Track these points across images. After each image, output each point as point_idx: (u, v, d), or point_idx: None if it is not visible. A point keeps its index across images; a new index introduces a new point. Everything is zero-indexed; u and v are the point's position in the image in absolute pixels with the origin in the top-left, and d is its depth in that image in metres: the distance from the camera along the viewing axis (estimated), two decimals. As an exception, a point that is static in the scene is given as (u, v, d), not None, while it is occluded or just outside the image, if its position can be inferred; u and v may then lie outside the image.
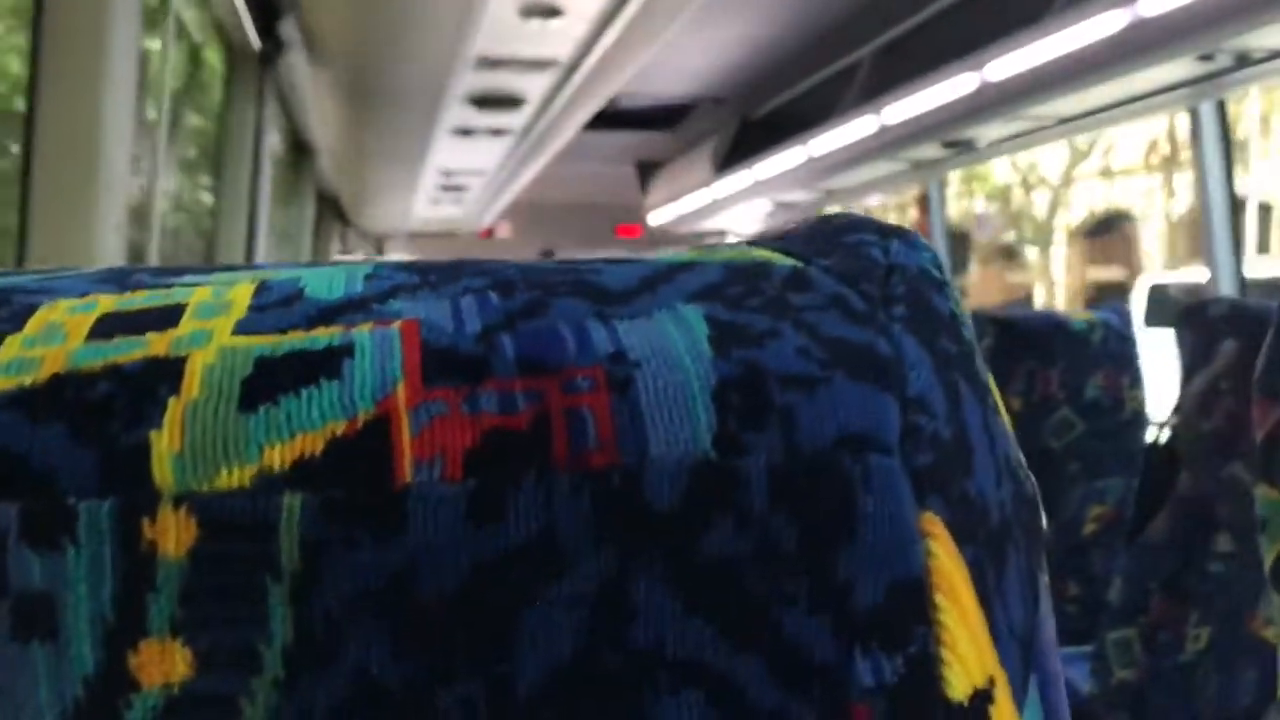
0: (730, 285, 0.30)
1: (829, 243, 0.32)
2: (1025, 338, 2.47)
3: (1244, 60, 2.56)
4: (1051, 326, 2.53)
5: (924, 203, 4.46)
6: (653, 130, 5.15)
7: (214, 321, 0.27)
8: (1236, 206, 3.16)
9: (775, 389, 0.27)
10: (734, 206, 5.35)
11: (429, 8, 2.30)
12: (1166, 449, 2.23)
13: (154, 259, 1.64)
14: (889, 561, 0.26)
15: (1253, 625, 1.76)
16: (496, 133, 3.50)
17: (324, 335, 0.27)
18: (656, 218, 6.22)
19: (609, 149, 5.48)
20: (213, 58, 2.78)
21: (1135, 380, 2.62)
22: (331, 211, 5.67)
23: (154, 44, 1.58)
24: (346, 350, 0.27)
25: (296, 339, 0.27)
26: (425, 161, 4.06)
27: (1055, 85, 2.84)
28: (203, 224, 2.79)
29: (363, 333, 0.27)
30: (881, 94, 3.47)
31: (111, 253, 1.38)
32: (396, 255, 6.86)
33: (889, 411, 0.27)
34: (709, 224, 6.15)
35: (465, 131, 3.47)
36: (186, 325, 0.27)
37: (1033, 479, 0.31)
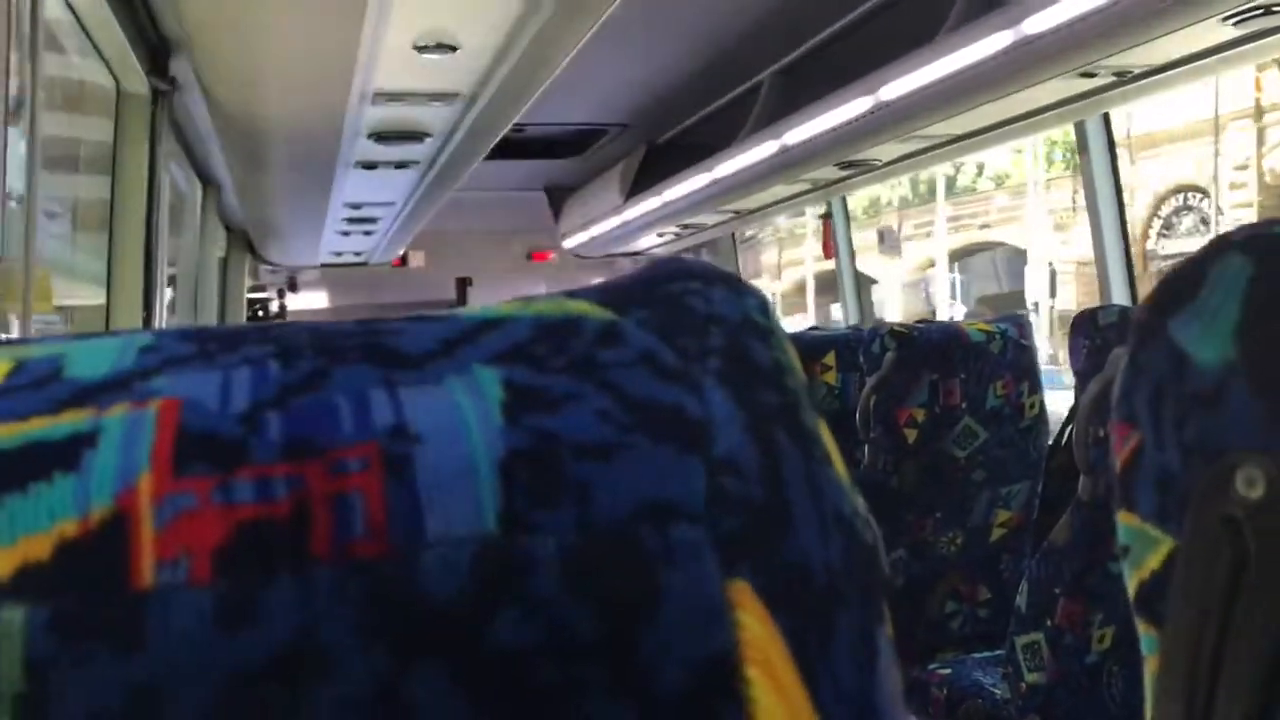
0: (536, 343, 0.28)
1: (651, 293, 0.30)
2: (925, 349, 2.53)
3: (1124, 76, 2.66)
4: (950, 337, 2.58)
5: (828, 220, 4.54)
6: (561, 157, 5.16)
7: None
8: (1123, 209, 3.27)
9: (569, 459, 0.25)
10: (645, 229, 5.39)
11: (321, 45, 2.29)
12: (1065, 454, 2.29)
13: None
14: (694, 637, 0.24)
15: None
16: (401, 165, 3.48)
17: (69, 421, 0.24)
18: (570, 242, 6.23)
19: (519, 176, 5.48)
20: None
21: (1034, 387, 2.69)
22: (240, 246, 5.57)
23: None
24: (91, 438, 0.24)
25: (37, 427, 0.24)
26: (330, 195, 4.03)
27: (947, 104, 2.92)
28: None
29: (113, 417, 0.25)
30: (781, 117, 3.53)
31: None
32: (308, 289, 6.77)
33: (693, 476, 0.25)
34: (622, 247, 6.18)
35: (369, 165, 3.45)
36: None
37: (874, 527, 0.29)
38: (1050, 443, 2.48)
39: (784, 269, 21.71)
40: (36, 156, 1.50)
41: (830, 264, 4.67)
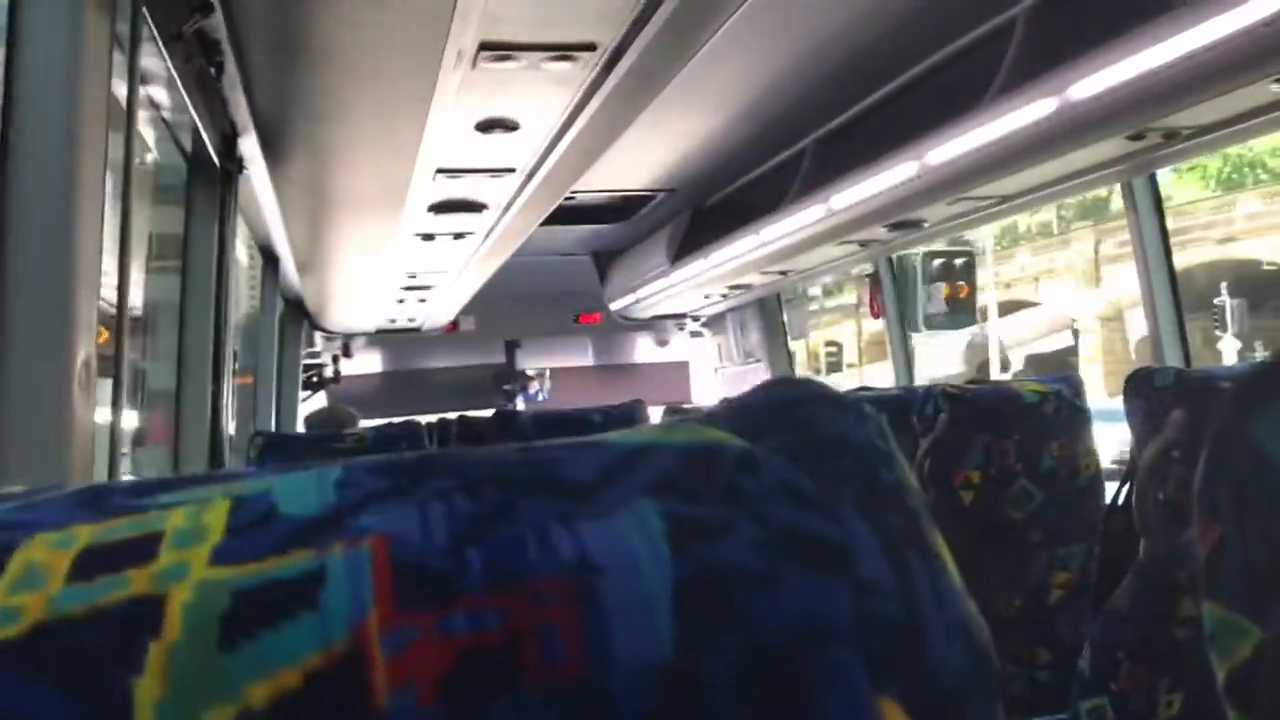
0: (684, 473, 0.30)
1: (779, 418, 0.32)
2: (979, 411, 2.53)
3: (1172, 138, 2.68)
4: (1003, 399, 2.59)
5: (876, 279, 4.55)
6: (608, 223, 5.23)
7: (191, 551, 0.27)
8: (1173, 269, 3.27)
9: (732, 588, 0.27)
10: (691, 291, 5.43)
11: (387, 126, 2.36)
12: (1123, 515, 2.28)
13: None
14: None
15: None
16: (458, 236, 3.55)
17: (298, 560, 0.27)
18: (617, 305, 6.29)
19: (567, 241, 5.55)
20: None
21: (1089, 448, 2.68)
22: (297, 314, 5.68)
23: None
24: (320, 576, 0.27)
25: (272, 567, 0.27)
26: (388, 265, 4.10)
27: (993, 168, 2.94)
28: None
29: (335, 556, 0.27)
30: (826, 181, 3.57)
31: (80, 390, 1.39)
32: (361, 353, 6.86)
33: (842, 601, 0.28)
34: (667, 309, 6.23)
35: (427, 236, 3.52)
36: (165, 557, 0.27)
37: (984, 627, 0.31)
38: (1108, 504, 2.47)
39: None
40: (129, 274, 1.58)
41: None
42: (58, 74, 1.36)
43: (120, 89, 1.68)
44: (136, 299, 2.90)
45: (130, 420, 3.09)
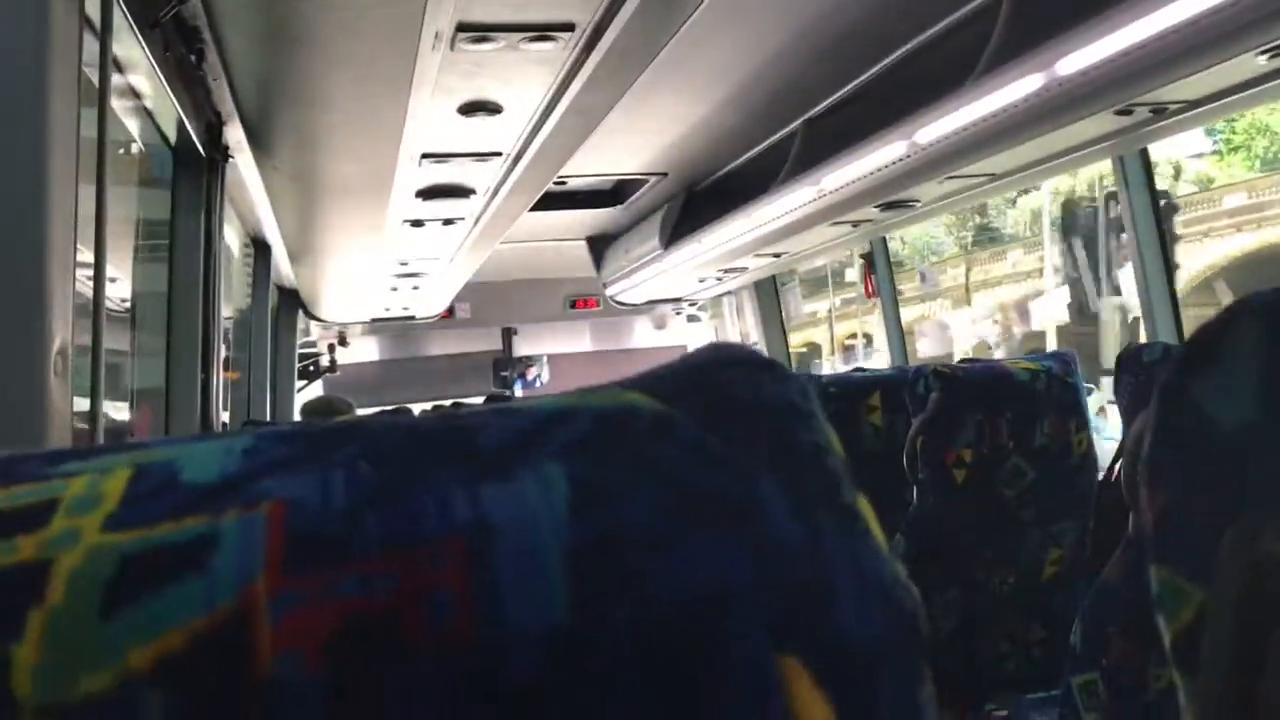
0: (596, 436, 0.29)
1: (698, 381, 0.32)
2: (971, 389, 2.53)
3: (1160, 112, 2.67)
4: (995, 377, 2.58)
5: (869, 259, 4.55)
6: (601, 207, 5.23)
7: (85, 519, 0.27)
8: (1165, 246, 3.26)
9: (630, 551, 0.27)
10: (686, 275, 5.43)
11: (370, 111, 2.35)
12: (1114, 490, 2.28)
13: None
14: (753, 714, 0.26)
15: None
16: (447, 221, 3.54)
17: (192, 525, 0.27)
18: (612, 290, 6.28)
19: (560, 226, 5.55)
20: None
21: (1082, 424, 2.67)
22: (291, 304, 5.68)
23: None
24: (212, 540, 0.26)
25: (164, 531, 0.27)
26: (379, 253, 4.10)
27: (983, 146, 2.93)
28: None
29: (229, 520, 0.27)
30: (817, 162, 3.56)
31: (56, 378, 1.39)
32: (357, 342, 6.86)
33: (744, 560, 0.27)
34: (663, 293, 6.22)
35: (416, 222, 3.52)
36: (57, 524, 0.27)
37: (913, 592, 0.30)
38: (1100, 479, 2.46)
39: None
40: (105, 241, 1.57)
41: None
42: (25, 59, 1.35)
43: (94, 75, 1.67)
44: (124, 290, 2.90)
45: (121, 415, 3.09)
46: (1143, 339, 3.18)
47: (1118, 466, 2.37)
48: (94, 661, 0.24)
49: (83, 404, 1.58)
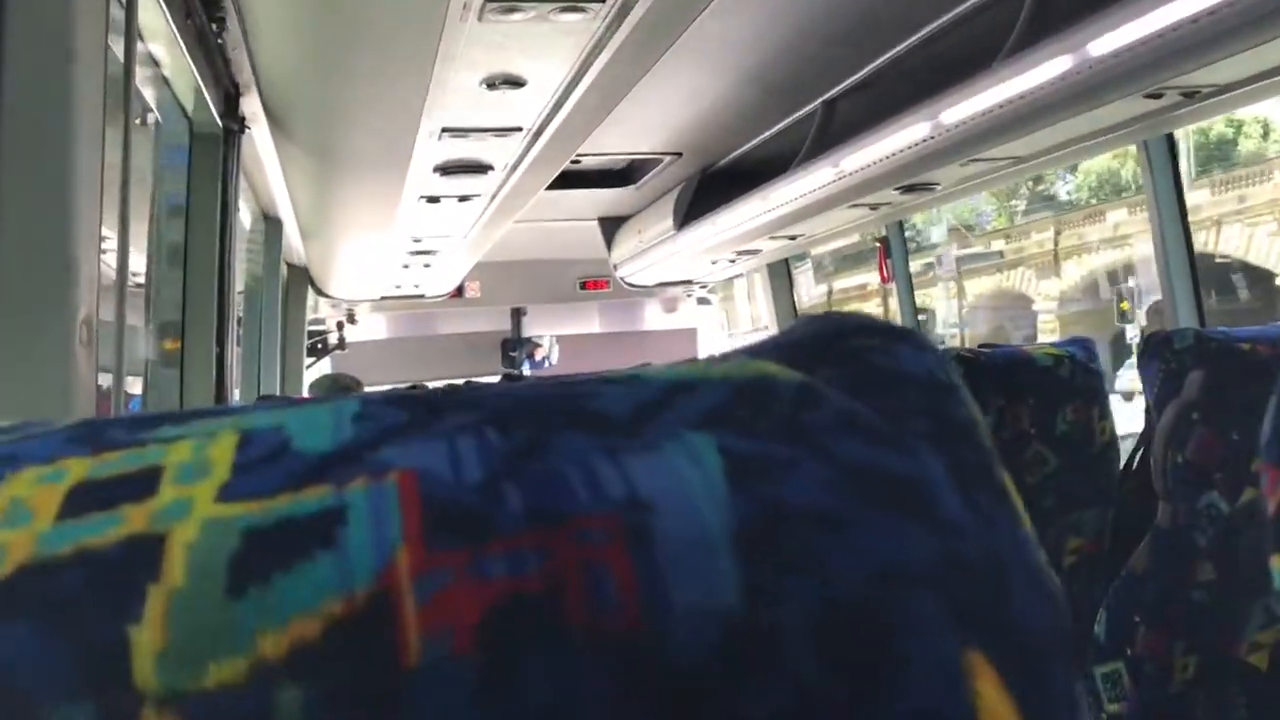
0: (737, 407, 0.28)
1: (830, 350, 0.30)
2: (992, 374, 2.50)
3: (1191, 96, 2.64)
4: (1018, 362, 2.56)
5: (885, 244, 4.52)
6: (614, 186, 5.21)
7: (195, 487, 0.25)
8: (1188, 231, 3.23)
9: (801, 529, 0.25)
10: (699, 256, 5.40)
11: (391, 84, 2.33)
12: (1137, 479, 2.26)
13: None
14: (935, 706, 0.24)
15: (1239, 652, 1.77)
16: (464, 198, 3.52)
17: (315, 496, 0.25)
18: (623, 271, 6.26)
19: (572, 206, 5.53)
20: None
21: (1104, 412, 2.65)
22: (301, 280, 5.67)
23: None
24: (341, 513, 0.24)
25: (285, 503, 0.25)
26: (393, 230, 4.08)
27: (1008, 128, 2.90)
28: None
29: (357, 491, 0.25)
30: (836, 143, 3.53)
31: (81, 348, 1.38)
32: (367, 321, 6.86)
33: (924, 542, 0.26)
34: (674, 275, 6.20)
35: (432, 199, 3.50)
36: (166, 493, 0.25)
37: (1054, 577, 0.29)
38: (1122, 467, 2.45)
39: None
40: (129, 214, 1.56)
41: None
42: (51, 28, 1.34)
43: (117, 45, 1.65)
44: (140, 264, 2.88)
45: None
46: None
47: (1139, 454, 2.35)
48: (223, 647, 0.22)
49: (105, 377, 1.57)
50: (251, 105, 2.72)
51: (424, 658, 0.22)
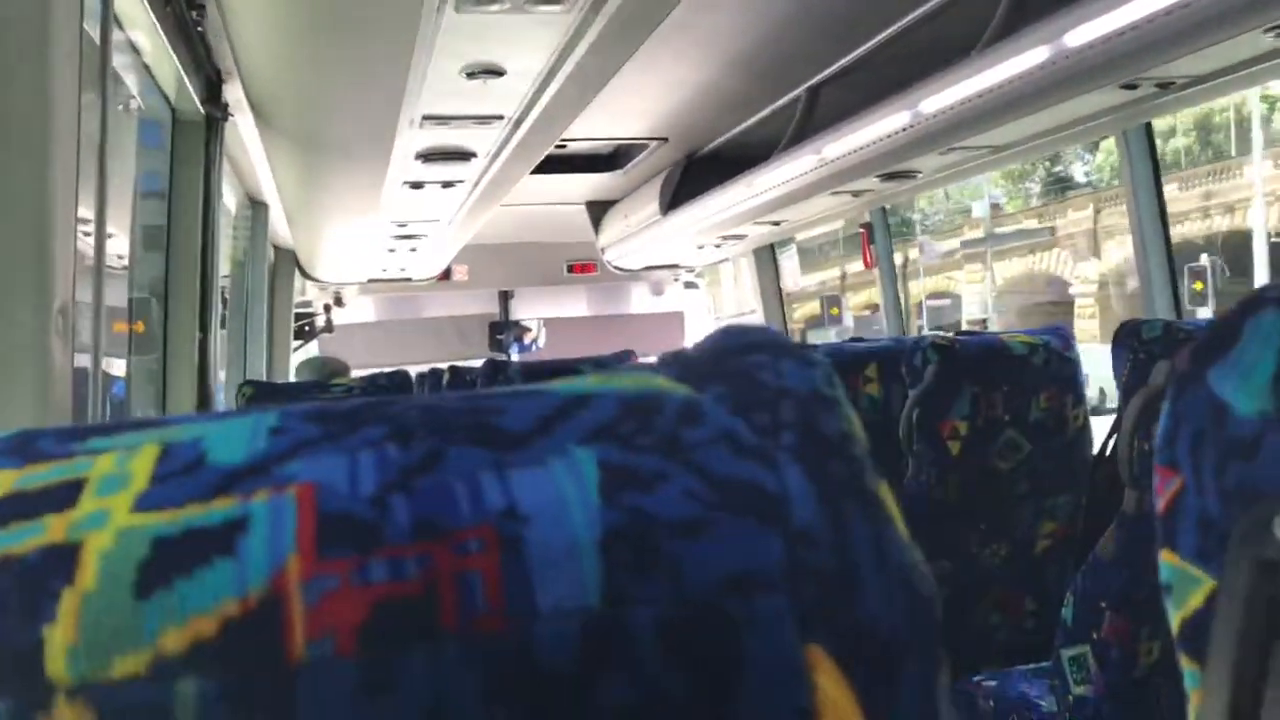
0: (624, 422, 0.29)
1: (724, 366, 0.32)
2: (968, 362, 2.53)
3: (1166, 87, 2.65)
4: (992, 350, 2.59)
5: (869, 230, 4.54)
6: (600, 171, 5.20)
7: (113, 499, 0.27)
8: (1166, 221, 3.25)
9: (662, 536, 0.27)
10: (685, 241, 5.41)
11: (371, 72, 2.34)
12: (1109, 465, 2.29)
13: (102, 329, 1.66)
14: (777, 698, 0.26)
15: (1198, 638, 1.80)
16: (447, 184, 3.52)
17: (221, 507, 0.27)
18: (610, 255, 6.27)
19: (559, 190, 5.52)
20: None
21: (1078, 399, 2.68)
22: (288, 263, 5.66)
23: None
24: (242, 523, 0.26)
25: (194, 513, 0.26)
26: (378, 214, 4.08)
27: (987, 117, 2.92)
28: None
29: (259, 502, 0.27)
30: (819, 130, 3.54)
31: (57, 336, 1.39)
32: (354, 304, 6.85)
33: (773, 549, 0.27)
34: (660, 259, 6.21)
35: (416, 184, 3.50)
36: (86, 504, 0.27)
37: (930, 579, 0.31)
38: (1094, 454, 2.48)
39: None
40: (106, 202, 1.56)
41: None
42: (27, 12, 1.34)
43: (94, 30, 1.65)
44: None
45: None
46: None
47: (1112, 442, 2.38)
48: (128, 644, 0.24)
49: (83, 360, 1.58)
50: (234, 92, 2.72)
51: (309, 655, 0.25)
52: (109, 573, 0.25)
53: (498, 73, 2.33)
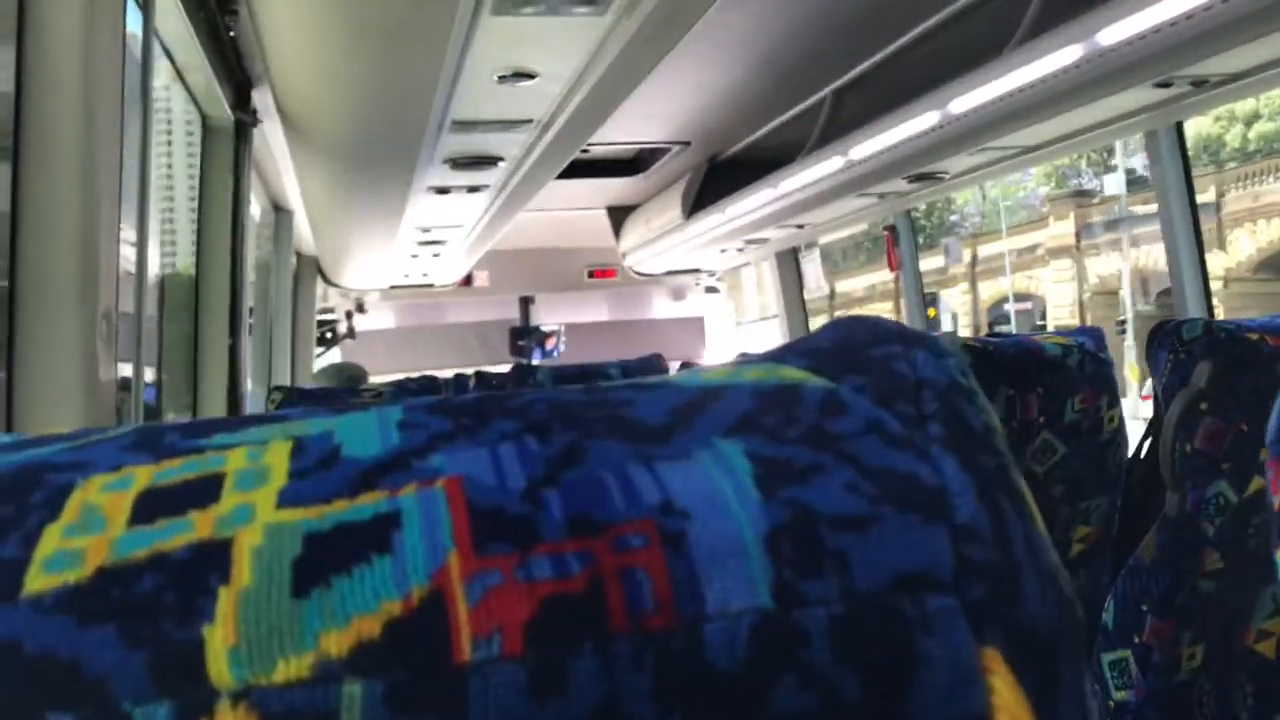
0: (765, 414, 0.29)
1: (856, 357, 0.31)
2: (1001, 364, 2.51)
3: (1200, 85, 2.63)
4: (1026, 351, 2.56)
5: (892, 232, 4.51)
6: (622, 175, 5.20)
7: (256, 493, 0.26)
8: (1197, 220, 3.23)
9: (827, 532, 0.26)
10: (707, 245, 5.41)
11: (402, 77, 2.34)
12: (1144, 467, 2.27)
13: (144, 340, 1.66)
14: (953, 704, 0.25)
15: (1246, 640, 1.78)
16: (473, 189, 3.52)
17: (370, 502, 0.26)
18: (631, 260, 6.26)
19: (581, 195, 5.53)
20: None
21: (1113, 400, 2.66)
22: (310, 269, 5.69)
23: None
24: (394, 519, 0.26)
25: (342, 508, 0.26)
26: (402, 220, 4.09)
27: (1018, 117, 2.90)
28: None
29: (408, 496, 0.26)
30: (845, 132, 3.53)
31: (101, 342, 1.39)
32: (375, 309, 6.87)
33: (941, 546, 0.27)
34: (681, 264, 6.20)
35: (442, 190, 3.50)
36: (229, 499, 0.26)
37: (1068, 578, 0.30)
38: (1130, 456, 2.45)
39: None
40: (149, 220, 1.57)
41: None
42: (72, 27, 1.35)
43: (135, 43, 1.66)
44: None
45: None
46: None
47: (1148, 444, 2.36)
48: (290, 645, 0.24)
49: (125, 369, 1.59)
50: (263, 98, 2.73)
51: (475, 655, 0.24)
52: (265, 570, 0.25)
53: (529, 76, 2.33)
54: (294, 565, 0.25)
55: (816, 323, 6.18)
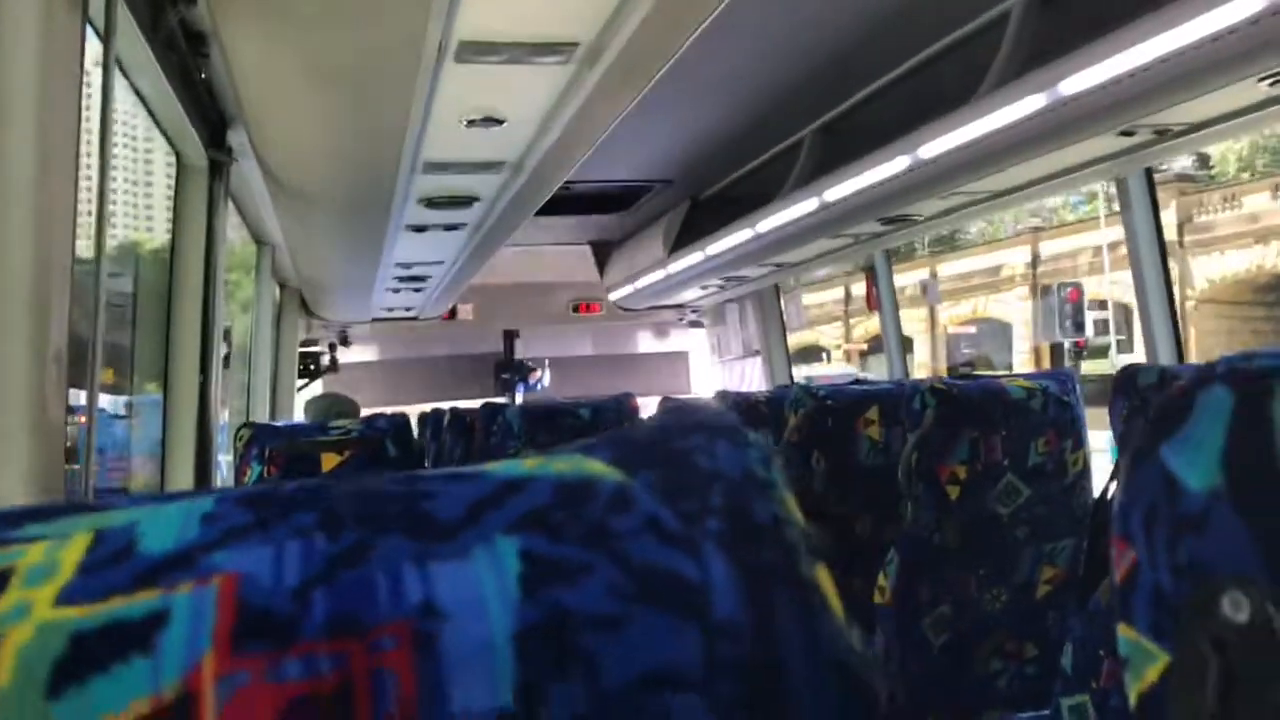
0: (554, 510, 0.29)
1: (659, 450, 0.31)
2: (967, 406, 2.52)
3: (1163, 134, 2.67)
4: (991, 394, 2.58)
5: (871, 272, 4.54)
6: (606, 213, 5.23)
7: (39, 590, 0.26)
8: (1166, 265, 3.25)
9: (578, 632, 0.26)
10: (689, 282, 5.43)
11: (372, 120, 2.36)
12: (1107, 513, 2.28)
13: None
14: None
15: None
16: (450, 227, 3.54)
17: (144, 600, 0.26)
18: (615, 295, 6.28)
19: (565, 231, 5.55)
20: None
21: (1078, 443, 2.67)
22: (293, 302, 5.68)
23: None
24: (163, 617, 0.26)
25: (116, 606, 0.26)
26: (381, 256, 4.10)
27: (986, 163, 2.93)
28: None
29: (182, 595, 0.26)
30: (822, 173, 3.56)
31: (51, 385, 1.39)
32: (359, 342, 6.86)
33: (691, 643, 0.27)
34: (665, 299, 6.22)
35: (419, 228, 3.52)
36: (10, 597, 0.26)
37: (871, 663, 0.30)
38: (1095, 500, 2.46)
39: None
40: (105, 245, 1.57)
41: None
42: (26, 62, 1.35)
43: (96, 77, 1.68)
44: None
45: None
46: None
47: (1112, 488, 2.36)
48: None
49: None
50: (238, 137, 2.74)
51: None
52: (24, 670, 0.25)
53: (498, 121, 2.35)
54: (54, 665, 0.25)
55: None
